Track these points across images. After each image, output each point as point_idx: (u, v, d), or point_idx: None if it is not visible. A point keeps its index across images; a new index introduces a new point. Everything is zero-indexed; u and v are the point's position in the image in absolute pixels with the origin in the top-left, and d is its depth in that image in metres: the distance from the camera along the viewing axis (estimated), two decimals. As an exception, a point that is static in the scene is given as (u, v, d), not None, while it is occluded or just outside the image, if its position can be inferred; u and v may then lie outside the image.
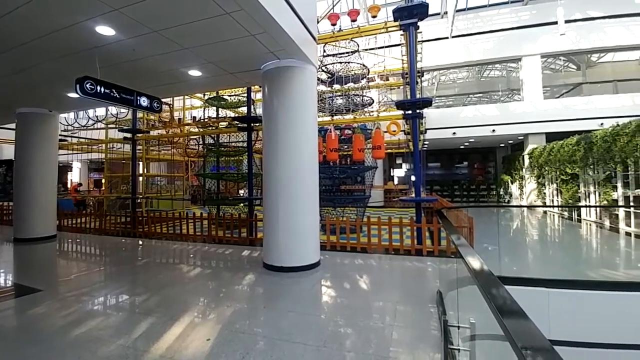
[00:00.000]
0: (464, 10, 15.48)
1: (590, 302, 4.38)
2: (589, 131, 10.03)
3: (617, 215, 8.68)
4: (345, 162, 10.38)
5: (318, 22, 7.72)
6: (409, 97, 7.06)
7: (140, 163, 12.42)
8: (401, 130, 10.52)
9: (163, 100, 7.74)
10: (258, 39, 4.57)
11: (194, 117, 13.92)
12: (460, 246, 1.85)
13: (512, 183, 16.49)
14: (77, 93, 4.36)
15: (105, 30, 4.23)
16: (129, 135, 10.19)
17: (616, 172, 8.55)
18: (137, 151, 10.67)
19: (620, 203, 8.48)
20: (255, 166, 8.73)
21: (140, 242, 7.95)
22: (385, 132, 8.16)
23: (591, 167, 9.65)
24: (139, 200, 11.11)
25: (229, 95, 10.05)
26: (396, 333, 3.10)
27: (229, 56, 5.22)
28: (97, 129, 13.24)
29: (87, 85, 4.41)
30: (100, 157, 16.27)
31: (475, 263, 1.49)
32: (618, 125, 8.49)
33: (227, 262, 6.12)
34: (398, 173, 20.83)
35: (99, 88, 4.59)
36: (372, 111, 11.31)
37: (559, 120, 13.72)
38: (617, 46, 14.12)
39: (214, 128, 10.49)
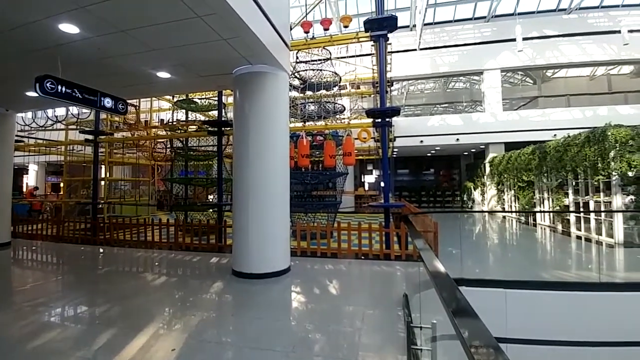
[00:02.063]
0: (431, 24, 16.21)
1: (543, 302, 4.68)
2: (544, 141, 10.77)
3: (568, 220, 9.37)
4: (317, 168, 10.45)
5: (291, 29, 7.80)
6: (379, 105, 7.27)
7: (103, 166, 11.84)
8: (371, 138, 10.77)
9: (129, 101, 7.46)
10: (230, 43, 4.54)
11: (162, 120, 13.49)
12: (422, 250, 1.95)
13: (474, 189, 17.34)
14: (37, 92, 4.12)
15: (69, 28, 4.05)
16: (90, 137, 9.68)
17: (567, 180, 9.24)
18: (100, 154, 10.16)
19: (571, 209, 9.16)
20: (226, 171, 8.58)
21: (102, 250, 7.55)
22: (356, 139, 8.33)
23: (545, 175, 10.36)
24: (100, 206, 10.56)
25: (199, 99, 9.84)
26: (364, 336, 3.17)
27: (200, 59, 5.14)
28: (56, 129, 12.47)
29: (48, 85, 4.17)
30: (59, 159, 15.32)
31: (434, 266, 1.58)
32: (569, 136, 9.21)
33: (194, 269, 5.95)
34: (369, 179, 21.25)
35: (60, 87, 4.35)
36: (344, 118, 11.50)
37: (516, 131, 14.67)
38: (569, 63, 15.38)
39: (182, 131, 10.22)
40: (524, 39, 13.15)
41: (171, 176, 9.95)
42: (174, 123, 10.39)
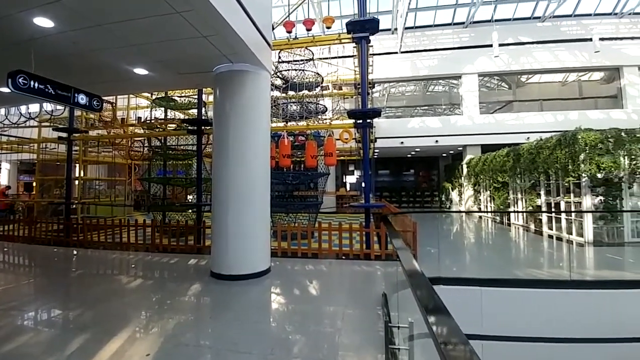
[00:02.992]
0: (412, 28, 16.49)
1: (517, 299, 4.84)
2: (518, 144, 11.17)
3: (541, 220, 9.74)
4: (298, 168, 10.44)
5: (273, 29, 7.74)
6: (360, 106, 7.33)
7: (77, 165, 11.41)
8: (353, 139, 10.84)
9: (105, 98, 7.21)
10: (210, 40, 4.46)
11: (139, 118, 13.12)
12: (399, 250, 1.97)
13: (452, 190, 17.79)
14: (9, 88, 3.91)
15: (43, 22, 3.87)
16: (64, 134, 9.29)
17: (540, 181, 9.62)
18: (74, 152, 9.77)
19: (543, 209, 9.53)
20: (205, 171, 8.43)
21: (75, 252, 7.26)
22: (338, 139, 8.37)
23: (519, 176, 10.74)
24: (74, 206, 10.15)
25: (178, 96, 9.63)
26: (344, 337, 3.18)
27: (179, 56, 5.02)
28: (29, 127, 11.92)
29: (20, 80, 3.97)
30: (31, 157, 14.65)
31: (410, 265, 1.60)
32: (542, 139, 9.58)
33: (172, 271, 5.81)
34: (350, 179, 21.40)
35: (32, 83, 4.15)
36: (326, 119, 11.54)
37: (492, 134, 15.16)
38: (543, 69, 16.00)
39: (161, 130, 9.96)
40: (500, 45, 13.59)
41: (149, 176, 9.68)
42: (152, 121, 10.13)
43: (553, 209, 9.10)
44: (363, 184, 7.48)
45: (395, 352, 2.33)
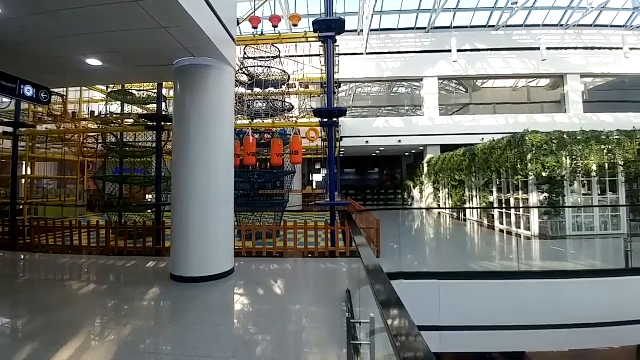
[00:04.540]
0: (377, 30, 16.88)
1: (471, 290, 5.11)
2: (474, 145, 11.83)
3: (493, 215, 10.40)
4: (265, 166, 10.32)
5: (239, 24, 7.57)
6: (326, 105, 7.38)
7: (24, 163, 10.50)
8: (319, 137, 10.91)
9: (55, 90, 6.68)
10: (170, 32, 4.27)
11: (93, 112, 12.31)
12: (360, 246, 2.02)
13: (414, 188, 18.50)
14: None
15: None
16: (9, 129, 8.49)
17: (492, 179, 10.26)
18: (20, 149, 8.96)
19: (495, 205, 10.19)
20: (166, 169, 8.09)
21: (22, 257, 6.72)
22: (304, 138, 8.39)
23: (474, 174, 11.39)
24: (20, 207, 9.33)
25: (137, 90, 9.14)
26: (308, 335, 3.20)
27: (136, 47, 4.76)
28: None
29: (-41, 71, 3.58)
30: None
31: (369, 261, 1.65)
32: (494, 140, 10.22)
33: (129, 275, 5.52)
34: (317, 178, 21.51)
35: (-29, 74, 3.76)
36: (292, 117, 11.50)
37: (451, 134, 15.97)
38: (496, 74, 17.10)
39: (117, 125, 9.41)
40: (459, 50, 14.30)
41: (104, 174, 9.10)
42: (108, 116, 9.53)
43: (504, 205, 9.76)
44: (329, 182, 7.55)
45: (357, 347, 2.39)
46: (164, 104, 8.32)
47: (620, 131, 8.90)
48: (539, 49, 14.42)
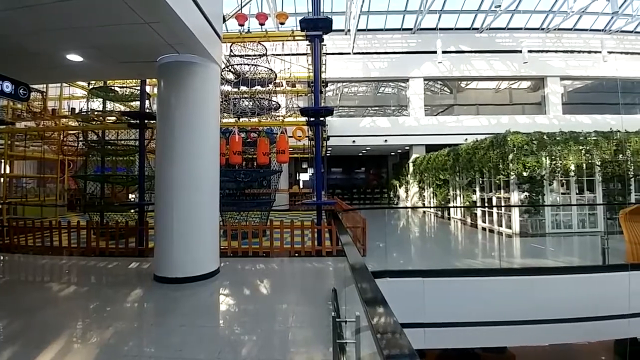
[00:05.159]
0: (364, 30, 16.97)
1: (455, 288, 5.20)
2: (457, 145, 12.05)
3: (476, 214, 10.62)
4: (251, 165, 10.23)
5: (225, 21, 7.48)
6: (313, 104, 7.38)
7: (2, 161, 10.14)
8: (306, 136, 10.89)
9: (35, 87, 6.45)
10: (153, 27, 4.18)
11: (73, 109, 11.95)
12: (346, 245, 2.03)
13: (399, 187, 18.72)
14: None
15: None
16: (-13, 127, 8.18)
17: (475, 179, 10.47)
18: (-2, 147, 8.65)
19: (478, 204, 10.40)
20: (149, 168, 7.92)
21: (1, 257, 6.51)
22: (291, 137, 8.35)
23: (458, 174, 11.60)
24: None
25: (119, 87, 8.91)
26: (294, 334, 3.19)
27: (118, 43, 4.64)
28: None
29: None
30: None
31: (354, 259, 1.66)
32: (477, 140, 10.43)
33: (110, 276, 5.40)
34: (303, 177, 21.49)
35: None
36: (279, 116, 11.45)
37: (435, 134, 16.23)
38: (480, 76, 17.44)
39: (98, 123, 9.15)
40: (444, 52, 14.53)
41: (85, 173, 8.85)
42: (88, 113, 9.26)
43: (486, 204, 9.98)
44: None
45: (343, 346, 2.40)
46: (147, 102, 8.15)
47: (598, 132, 9.23)
48: (520, 51, 14.80)
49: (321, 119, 7.24)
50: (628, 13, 15.87)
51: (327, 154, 16.11)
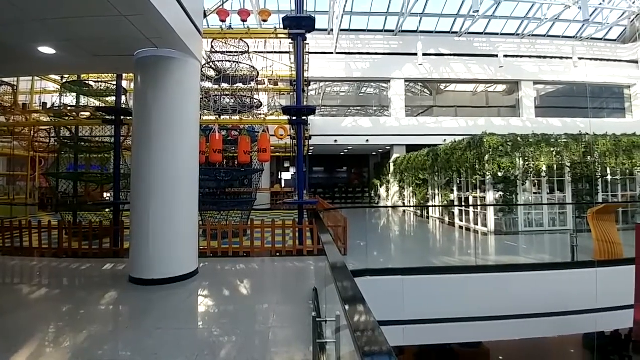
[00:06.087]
0: (347, 30, 17.07)
1: (433, 285, 5.32)
2: (437, 145, 12.32)
3: (453, 213, 10.90)
4: (232, 164, 10.09)
5: (206, 16, 7.34)
6: (296, 103, 7.35)
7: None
8: (288, 135, 10.85)
9: (5, 80, 6.09)
10: (131, 20, 4.04)
11: (45, 104, 11.42)
12: (326, 244, 2.04)
13: (380, 187, 18.96)
14: None
15: None
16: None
17: (453, 179, 10.75)
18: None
19: (456, 203, 10.69)
20: (125, 166, 7.68)
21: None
22: (273, 135, 8.30)
23: (437, 174, 11.87)
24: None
25: (94, 81, 8.58)
26: (274, 334, 3.18)
27: (94, 36, 4.47)
28: None
29: None
30: None
31: (334, 258, 1.67)
32: (455, 141, 10.70)
33: (84, 278, 5.20)
34: (285, 176, 21.40)
35: None
36: (261, 114, 11.34)
37: (416, 135, 16.55)
38: (458, 79, 17.90)
39: (71, 118, 8.78)
40: (424, 54, 14.80)
41: (57, 170, 8.48)
42: (61, 108, 8.87)
43: (463, 203, 10.27)
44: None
45: (323, 345, 2.41)
46: (123, 97, 7.89)
47: (568, 135, 9.67)
48: (497, 56, 15.30)
49: (303, 118, 7.23)
50: (598, 21, 16.71)
51: (309, 153, 16.09)
